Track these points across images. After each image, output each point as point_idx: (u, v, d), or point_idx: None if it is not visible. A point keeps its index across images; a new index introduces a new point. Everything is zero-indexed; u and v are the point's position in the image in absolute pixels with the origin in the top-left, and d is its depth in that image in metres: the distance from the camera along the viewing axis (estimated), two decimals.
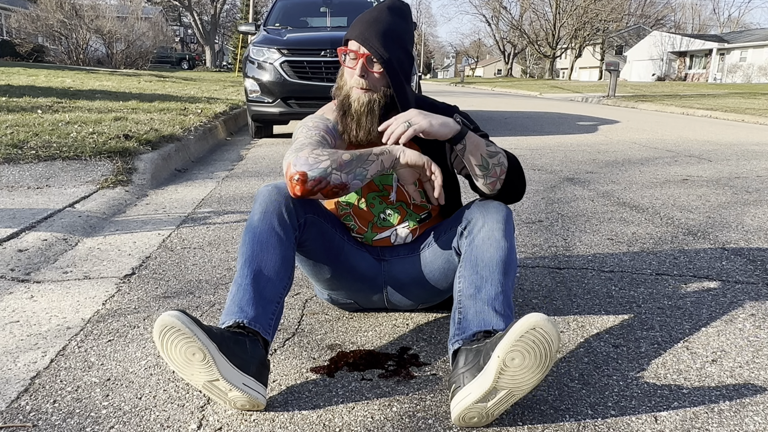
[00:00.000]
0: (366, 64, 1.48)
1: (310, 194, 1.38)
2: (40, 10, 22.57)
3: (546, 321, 1.15)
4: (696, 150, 5.69)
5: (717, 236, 2.70)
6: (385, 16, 1.51)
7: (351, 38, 1.50)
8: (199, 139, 5.31)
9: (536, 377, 1.18)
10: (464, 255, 1.45)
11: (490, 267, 1.39)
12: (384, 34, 1.48)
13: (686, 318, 1.81)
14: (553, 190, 3.71)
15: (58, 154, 3.83)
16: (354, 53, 1.50)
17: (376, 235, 1.66)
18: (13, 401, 1.35)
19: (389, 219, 1.65)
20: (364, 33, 1.48)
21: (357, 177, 1.39)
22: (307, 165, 1.37)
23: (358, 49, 1.48)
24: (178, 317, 1.19)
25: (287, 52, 5.83)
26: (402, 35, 1.52)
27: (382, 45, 1.47)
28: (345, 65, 1.54)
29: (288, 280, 1.44)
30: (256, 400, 1.27)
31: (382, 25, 1.49)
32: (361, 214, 1.65)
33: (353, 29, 1.51)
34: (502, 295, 1.36)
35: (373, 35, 1.47)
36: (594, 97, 15.82)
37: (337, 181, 1.37)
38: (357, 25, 1.51)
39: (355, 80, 1.50)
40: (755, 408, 1.33)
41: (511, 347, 1.15)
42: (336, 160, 1.38)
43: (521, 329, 1.15)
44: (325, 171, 1.37)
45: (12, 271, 2.15)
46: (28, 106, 6.17)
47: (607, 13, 42.12)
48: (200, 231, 2.75)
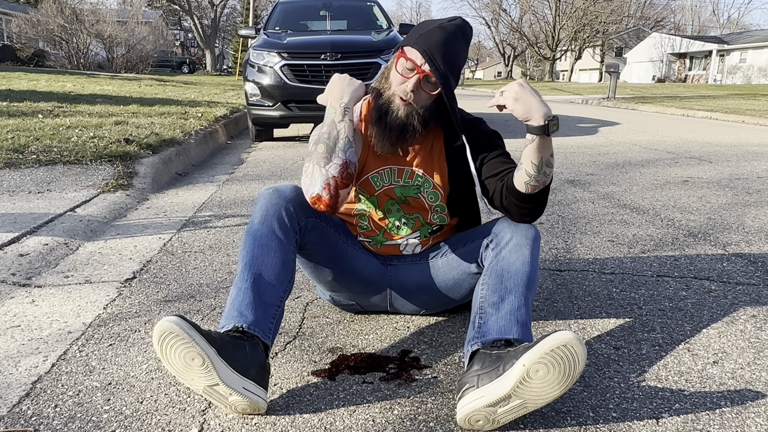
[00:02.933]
0: (422, 80, 1.46)
1: (336, 198, 1.39)
2: (40, 14, 22.63)
3: (577, 341, 1.16)
4: (696, 151, 5.69)
5: (718, 238, 2.69)
6: (455, 39, 1.46)
7: (416, 49, 1.44)
8: (200, 143, 5.32)
9: (554, 393, 1.18)
10: (490, 265, 1.46)
11: (516, 279, 1.40)
12: (449, 58, 1.45)
13: (687, 320, 1.81)
14: (553, 192, 3.71)
15: (59, 158, 3.83)
16: (413, 64, 1.45)
17: (386, 241, 1.66)
18: (14, 406, 1.35)
19: (403, 228, 1.65)
20: (432, 50, 1.43)
21: (343, 150, 1.40)
22: (311, 187, 1.39)
23: (422, 64, 1.44)
24: (177, 323, 1.20)
25: (287, 56, 5.84)
26: (463, 61, 1.51)
27: (447, 68, 1.44)
28: (397, 71, 1.48)
29: (288, 284, 1.44)
30: (257, 404, 1.27)
31: (450, 48, 1.45)
32: (376, 218, 1.66)
33: (421, 40, 1.45)
34: (524, 307, 1.38)
35: (439, 56, 1.43)
36: (594, 99, 15.83)
37: (336, 169, 1.38)
38: (425, 38, 1.45)
39: (402, 90, 1.47)
40: (757, 409, 1.33)
41: (538, 359, 1.16)
42: (318, 159, 1.40)
43: (553, 343, 1.15)
44: (323, 176, 1.38)
45: (13, 276, 2.15)
46: (29, 110, 6.18)
47: (606, 15, 42.19)
48: (201, 235, 2.75)
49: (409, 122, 1.49)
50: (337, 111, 1.46)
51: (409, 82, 1.46)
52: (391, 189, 1.61)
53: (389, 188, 1.61)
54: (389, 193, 1.61)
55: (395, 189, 1.61)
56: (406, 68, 1.47)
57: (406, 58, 1.47)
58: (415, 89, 1.46)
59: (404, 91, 1.46)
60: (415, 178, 1.60)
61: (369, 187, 1.62)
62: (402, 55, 1.48)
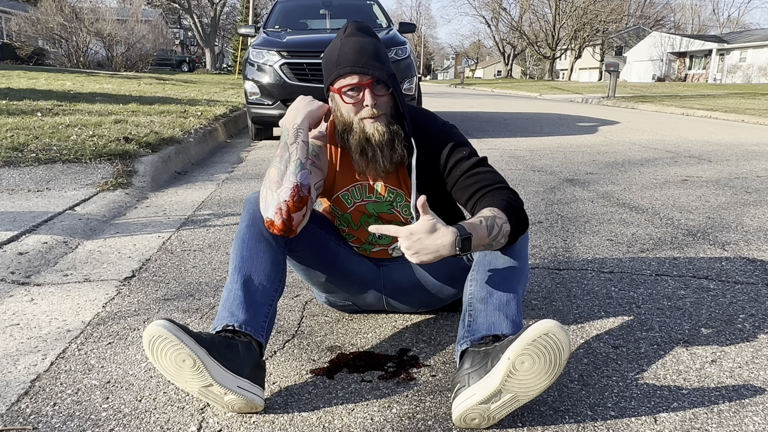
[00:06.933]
0: (373, 90, 1.42)
1: (290, 222, 1.36)
2: (40, 13, 22.60)
3: (559, 328, 1.15)
4: (696, 150, 5.69)
5: (717, 237, 2.70)
6: (362, 39, 1.43)
7: (345, 73, 1.40)
8: (199, 142, 5.32)
9: (543, 383, 1.18)
10: (478, 259, 1.45)
11: (504, 273, 1.39)
12: (375, 55, 1.42)
13: (686, 318, 1.81)
14: (552, 191, 3.71)
15: (58, 156, 3.83)
16: (354, 85, 1.41)
17: (373, 248, 1.67)
18: (13, 404, 1.35)
19: (384, 238, 1.64)
20: (359, 61, 1.39)
21: (294, 173, 1.37)
22: (264, 212, 1.38)
23: (360, 79, 1.40)
24: (165, 326, 1.20)
25: (287, 55, 5.84)
26: (382, 50, 1.45)
27: (382, 65, 1.41)
28: (345, 103, 1.43)
29: (279, 283, 1.44)
30: (253, 402, 1.27)
31: (367, 47, 1.41)
32: (357, 233, 1.66)
33: (342, 65, 1.41)
34: (513, 301, 1.37)
35: (368, 60, 1.40)
36: (594, 98, 15.82)
37: (288, 193, 1.35)
38: (344, 59, 1.41)
39: (365, 111, 1.43)
40: (755, 408, 1.33)
41: (522, 351, 1.16)
42: (270, 184, 1.38)
43: (534, 334, 1.15)
44: (275, 201, 1.36)
45: (12, 274, 2.15)
46: (29, 109, 6.18)
47: (606, 14, 42.15)
48: (200, 233, 2.75)
49: (392, 131, 1.45)
50: (290, 133, 1.43)
51: (366, 98, 1.41)
52: (363, 205, 1.59)
53: (361, 204, 1.59)
54: (362, 209, 1.60)
55: (367, 205, 1.59)
56: (350, 94, 1.43)
57: (343, 87, 1.42)
58: (375, 99, 1.42)
59: (367, 111, 1.42)
60: (387, 193, 1.57)
61: (341, 204, 1.61)
62: (337, 92, 1.44)
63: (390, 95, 1.46)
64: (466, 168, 1.48)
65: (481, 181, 1.46)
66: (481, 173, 1.47)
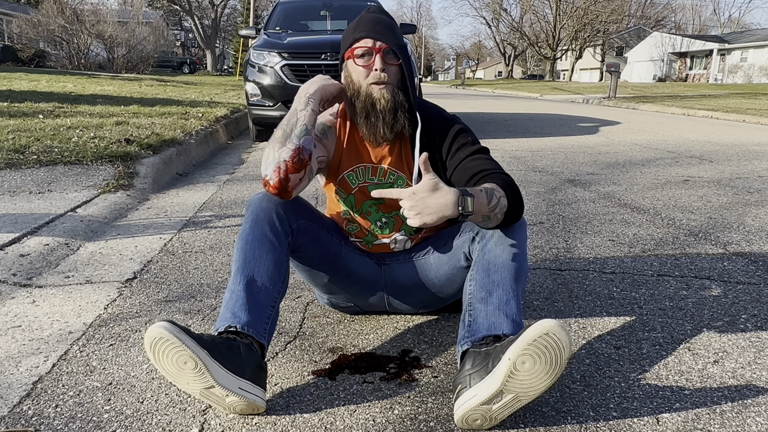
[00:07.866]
0: (384, 57, 1.48)
1: (286, 182, 1.40)
2: (41, 15, 22.64)
3: (559, 328, 1.15)
4: (697, 151, 5.69)
5: (718, 237, 2.69)
6: (379, 16, 1.53)
7: (361, 37, 1.48)
8: (200, 143, 5.32)
9: (545, 383, 1.18)
10: (476, 259, 1.45)
11: (503, 272, 1.39)
12: (390, 28, 1.50)
13: (688, 319, 1.81)
14: (554, 192, 3.71)
15: (59, 158, 3.84)
16: (367, 49, 1.48)
17: (375, 240, 1.67)
18: (15, 406, 1.35)
19: (385, 228, 1.65)
20: (374, 28, 1.48)
21: (298, 136, 1.41)
22: (264, 169, 1.42)
23: (373, 44, 1.47)
24: (166, 327, 1.20)
25: (288, 56, 5.85)
26: (398, 29, 1.54)
27: (395, 36, 1.49)
28: (357, 65, 1.49)
29: (282, 285, 1.44)
30: (255, 404, 1.27)
31: (381, 21, 1.51)
32: (359, 221, 1.66)
33: (359, 30, 1.50)
34: (513, 300, 1.37)
35: (383, 29, 1.49)
36: (595, 99, 15.82)
37: (288, 153, 1.39)
38: (362, 26, 1.50)
39: (373, 76, 1.48)
40: (757, 409, 1.33)
41: (522, 351, 1.15)
42: (274, 144, 1.42)
43: (534, 334, 1.15)
44: (275, 159, 1.40)
45: (14, 276, 2.15)
46: (30, 111, 6.19)
47: (607, 15, 42.16)
48: (202, 235, 2.75)
49: (396, 100, 1.50)
50: (302, 100, 1.48)
51: (376, 62, 1.48)
52: (365, 186, 1.61)
53: (364, 185, 1.62)
54: (364, 190, 1.62)
55: (369, 187, 1.61)
56: (362, 57, 1.49)
57: (356, 48, 1.49)
58: (384, 66, 1.48)
59: (376, 75, 1.48)
60: (387, 176, 1.60)
61: (345, 185, 1.63)
62: (351, 54, 1.51)
63: (399, 67, 1.51)
64: (469, 152, 1.52)
65: (481, 165, 1.49)
66: (484, 159, 1.51)
